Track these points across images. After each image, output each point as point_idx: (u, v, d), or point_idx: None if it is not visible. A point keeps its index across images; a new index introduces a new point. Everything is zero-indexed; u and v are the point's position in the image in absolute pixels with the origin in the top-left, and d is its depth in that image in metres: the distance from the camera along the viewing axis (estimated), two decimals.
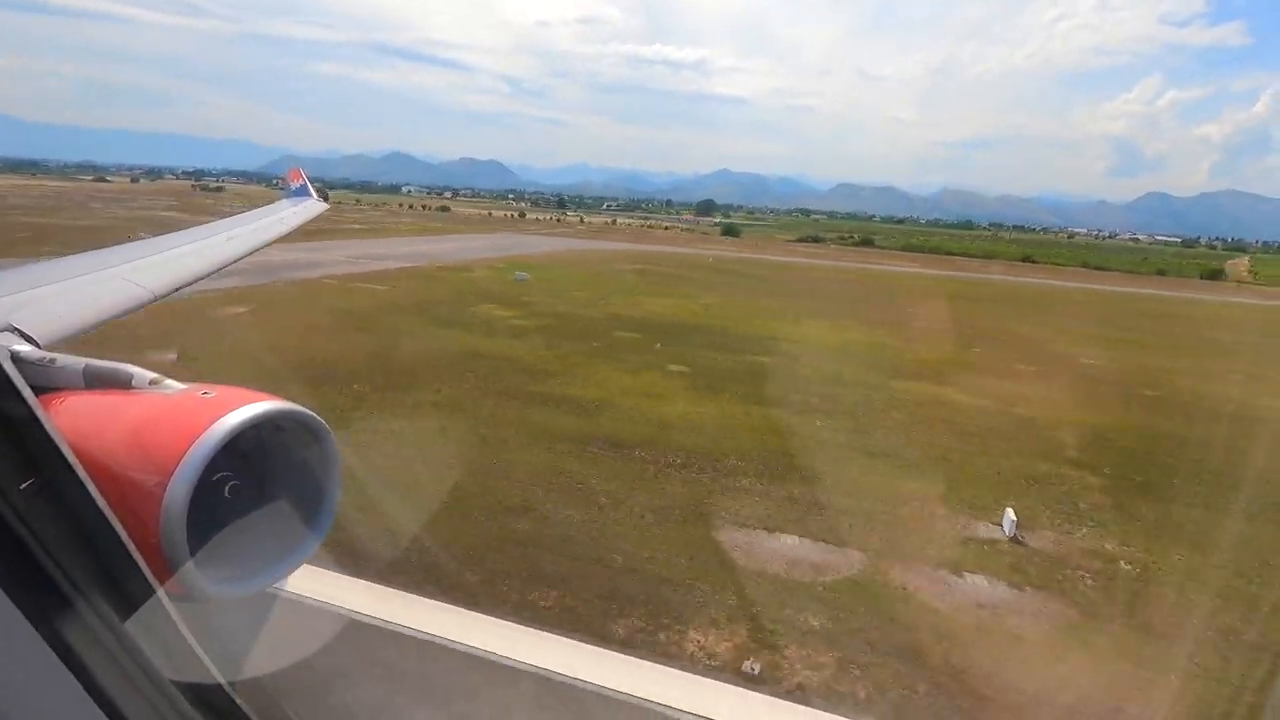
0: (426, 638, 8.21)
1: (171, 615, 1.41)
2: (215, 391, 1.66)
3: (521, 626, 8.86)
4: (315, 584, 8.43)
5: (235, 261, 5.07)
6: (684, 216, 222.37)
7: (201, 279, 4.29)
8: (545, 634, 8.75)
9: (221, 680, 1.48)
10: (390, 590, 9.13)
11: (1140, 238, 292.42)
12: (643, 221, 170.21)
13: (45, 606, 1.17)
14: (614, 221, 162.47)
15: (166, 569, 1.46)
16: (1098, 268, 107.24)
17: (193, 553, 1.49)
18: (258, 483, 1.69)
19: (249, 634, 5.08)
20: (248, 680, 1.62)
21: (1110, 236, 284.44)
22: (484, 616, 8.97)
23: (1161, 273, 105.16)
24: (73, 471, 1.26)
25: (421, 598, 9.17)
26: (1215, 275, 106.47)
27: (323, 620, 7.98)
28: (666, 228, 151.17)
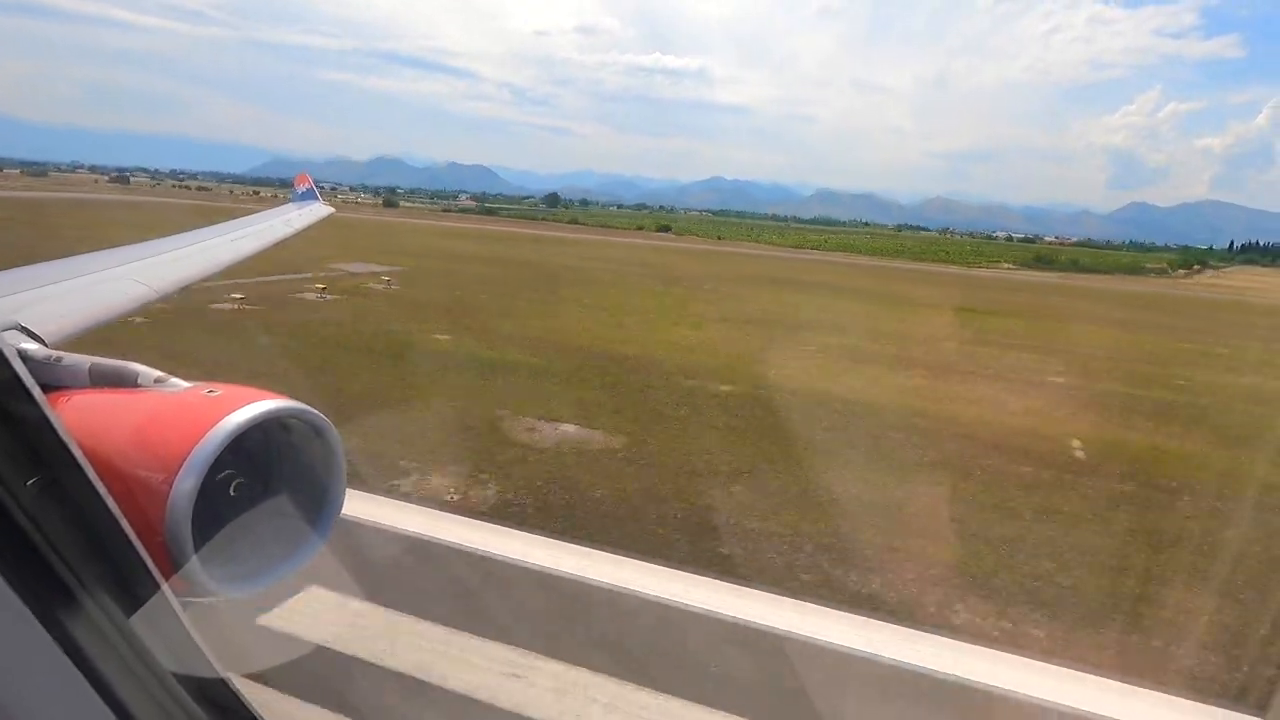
0: None
1: (176, 612, 1.41)
2: (221, 390, 1.66)
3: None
4: None
5: (240, 262, 5.07)
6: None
7: (206, 279, 4.31)
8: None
9: (225, 675, 1.48)
10: None
11: (1063, 239, 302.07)
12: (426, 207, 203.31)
13: (51, 603, 1.17)
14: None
15: (171, 566, 1.46)
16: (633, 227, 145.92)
17: (198, 552, 1.49)
18: (263, 481, 1.70)
19: None
20: (251, 675, 1.63)
21: (1052, 240, 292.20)
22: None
23: (665, 228, 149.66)
24: (79, 469, 1.25)
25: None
26: (665, 229, 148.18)
27: None
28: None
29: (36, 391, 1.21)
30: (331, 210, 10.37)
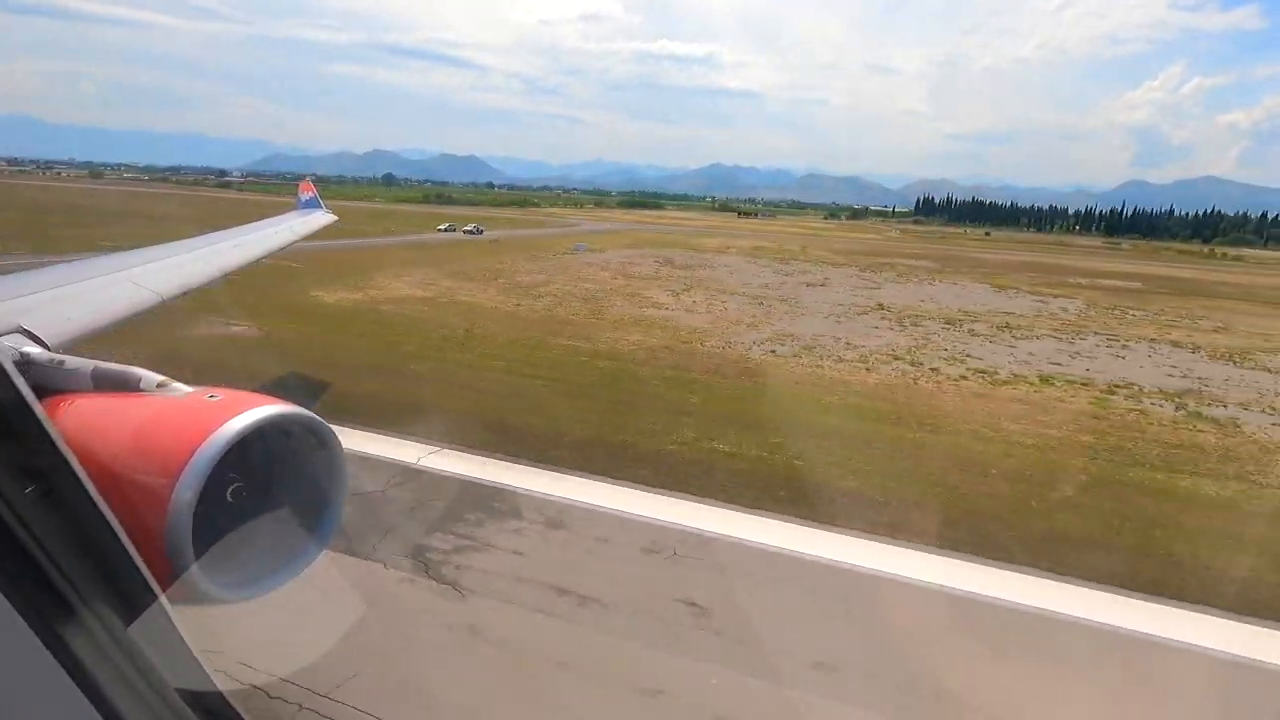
0: None
1: (174, 622, 1.39)
2: (222, 395, 1.63)
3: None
4: None
5: (240, 268, 5.07)
6: None
7: (207, 284, 4.31)
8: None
9: (220, 688, 1.47)
10: None
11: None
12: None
13: (48, 614, 1.15)
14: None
15: (172, 572, 1.45)
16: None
17: (198, 556, 1.47)
18: (264, 487, 1.67)
19: None
20: (247, 688, 1.62)
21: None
22: None
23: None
24: (76, 477, 1.24)
25: None
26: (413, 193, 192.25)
27: None
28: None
29: (32, 399, 1.19)
30: (334, 218, 10.44)
